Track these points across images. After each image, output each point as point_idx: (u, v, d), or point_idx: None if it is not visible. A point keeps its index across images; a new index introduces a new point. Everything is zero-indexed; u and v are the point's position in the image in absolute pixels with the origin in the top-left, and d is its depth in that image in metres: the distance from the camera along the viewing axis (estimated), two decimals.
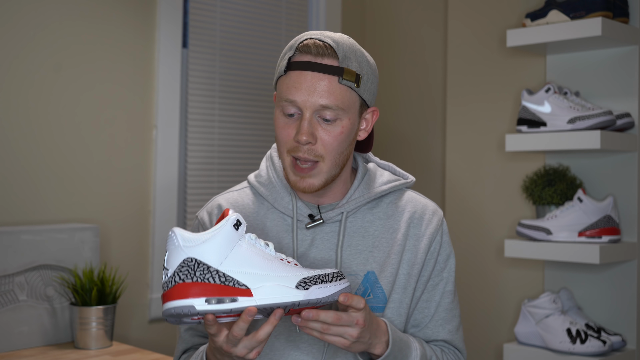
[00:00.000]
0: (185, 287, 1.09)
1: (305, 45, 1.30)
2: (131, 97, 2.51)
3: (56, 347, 2.11)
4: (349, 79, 1.30)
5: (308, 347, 1.36)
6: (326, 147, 1.30)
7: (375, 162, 1.51)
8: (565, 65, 2.46)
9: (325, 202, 1.41)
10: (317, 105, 1.28)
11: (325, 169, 1.32)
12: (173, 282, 1.10)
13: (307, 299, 1.12)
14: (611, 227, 2.20)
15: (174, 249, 1.11)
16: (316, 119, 1.30)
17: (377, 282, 1.37)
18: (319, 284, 1.14)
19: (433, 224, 1.43)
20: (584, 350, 2.16)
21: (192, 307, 1.08)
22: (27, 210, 2.27)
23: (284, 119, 1.32)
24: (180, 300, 1.09)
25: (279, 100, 1.32)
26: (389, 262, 1.38)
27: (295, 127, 1.30)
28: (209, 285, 1.09)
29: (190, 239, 1.11)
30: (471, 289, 2.75)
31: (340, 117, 1.30)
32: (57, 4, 2.33)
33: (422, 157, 3.06)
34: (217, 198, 1.46)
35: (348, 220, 1.40)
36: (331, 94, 1.29)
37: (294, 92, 1.29)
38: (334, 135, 1.30)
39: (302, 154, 1.30)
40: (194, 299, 1.08)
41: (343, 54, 1.30)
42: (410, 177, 1.47)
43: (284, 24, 2.98)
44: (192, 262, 1.10)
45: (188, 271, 1.10)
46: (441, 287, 1.44)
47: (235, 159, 2.82)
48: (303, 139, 1.28)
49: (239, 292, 1.10)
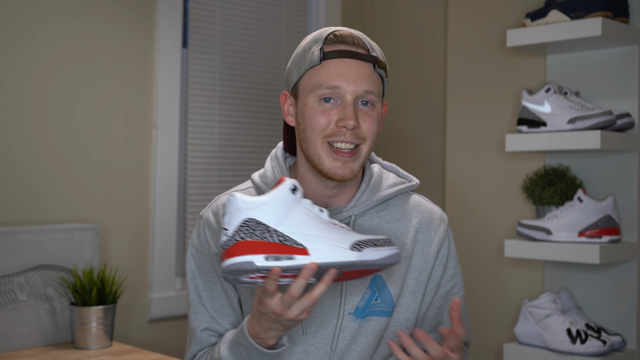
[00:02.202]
0: (245, 244, 1.14)
1: (340, 36, 1.33)
2: (131, 97, 2.51)
3: (56, 347, 2.11)
4: (382, 67, 1.35)
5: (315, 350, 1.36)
6: (368, 130, 1.33)
7: (379, 163, 1.51)
8: (565, 65, 2.46)
9: (334, 204, 1.40)
10: (362, 90, 1.31)
11: (364, 153, 1.34)
12: (233, 241, 1.15)
13: (360, 260, 1.17)
14: (611, 227, 2.20)
15: (235, 210, 1.16)
16: (356, 104, 1.33)
17: (385, 286, 1.37)
18: (372, 247, 1.18)
19: (441, 230, 1.44)
20: (584, 351, 2.16)
21: (252, 263, 1.13)
22: (27, 210, 2.27)
23: (320, 106, 1.32)
24: (240, 257, 1.13)
25: (316, 89, 1.32)
26: (397, 266, 1.38)
27: (335, 113, 1.32)
28: (268, 244, 1.14)
29: (250, 201, 1.16)
30: (471, 289, 2.75)
31: (375, 104, 1.34)
32: (57, 4, 2.33)
33: (423, 157, 3.06)
34: (222, 198, 1.45)
35: (356, 223, 1.40)
36: (372, 81, 1.33)
37: (337, 79, 1.31)
38: (374, 118, 1.34)
39: (346, 138, 1.31)
40: (253, 255, 1.13)
41: (369, 45, 1.35)
42: (414, 180, 1.48)
43: (284, 24, 2.98)
44: (251, 222, 1.15)
45: (248, 230, 1.15)
46: (454, 294, 1.46)
47: (235, 159, 2.82)
48: (350, 123, 1.30)
49: (297, 251, 1.15)
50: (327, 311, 1.35)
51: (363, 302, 1.35)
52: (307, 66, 1.34)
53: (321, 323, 1.35)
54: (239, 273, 1.14)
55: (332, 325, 1.35)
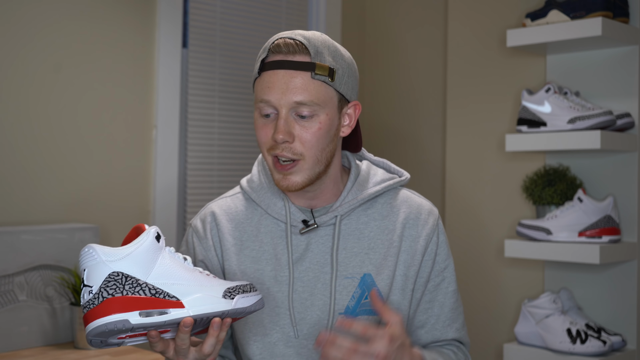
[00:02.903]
0: (115, 301, 1.05)
1: (276, 45, 1.30)
2: (131, 97, 2.51)
3: (56, 347, 2.11)
4: (322, 73, 1.29)
5: (307, 352, 1.35)
6: (305, 144, 1.29)
7: (369, 159, 1.49)
8: (565, 65, 2.46)
9: (319, 205, 1.40)
10: (292, 102, 1.28)
11: (306, 167, 1.31)
12: (100, 299, 1.05)
13: (234, 308, 1.13)
14: (611, 227, 2.20)
15: (96, 264, 1.06)
16: (292, 116, 1.29)
17: (374, 284, 1.36)
18: (242, 294, 1.15)
19: (429, 224, 1.42)
20: (584, 351, 2.16)
21: (127, 322, 1.04)
22: (27, 210, 2.27)
23: (261, 119, 1.32)
24: (112, 316, 1.04)
25: (256, 102, 1.32)
26: (385, 263, 1.37)
27: (273, 127, 1.30)
28: (140, 299, 1.06)
29: (113, 252, 1.07)
30: (471, 289, 2.75)
31: (317, 113, 1.29)
32: (57, 4, 2.33)
33: (422, 157, 3.06)
34: (211, 205, 1.45)
35: (342, 223, 1.39)
36: (305, 90, 1.28)
37: (268, 92, 1.29)
38: (312, 132, 1.29)
39: (281, 152, 1.29)
40: (127, 313, 1.04)
41: (315, 49, 1.29)
42: (405, 174, 1.46)
43: (284, 24, 2.98)
44: (118, 276, 1.06)
45: (116, 285, 1.06)
46: (444, 287, 1.44)
47: (235, 159, 2.82)
48: (279, 137, 1.27)
49: (171, 304, 1.08)
50: (318, 312, 1.35)
51: (353, 302, 1.35)
52: (253, 77, 1.35)
53: (312, 325, 1.35)
54: (109, 334, 1.05)
55: (323, 326, 1.34)
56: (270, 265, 1.37)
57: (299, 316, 1.35)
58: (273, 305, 1.36)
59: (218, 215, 1.42)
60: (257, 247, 1.38)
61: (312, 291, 1.35)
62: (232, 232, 1.40)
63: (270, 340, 1.35)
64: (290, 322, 1.35)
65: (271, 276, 1.36)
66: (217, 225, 1.41)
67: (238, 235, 1.40)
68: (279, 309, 1.35)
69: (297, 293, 1.35)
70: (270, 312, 1.35)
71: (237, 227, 1.40)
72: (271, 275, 1.36)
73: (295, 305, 1.35)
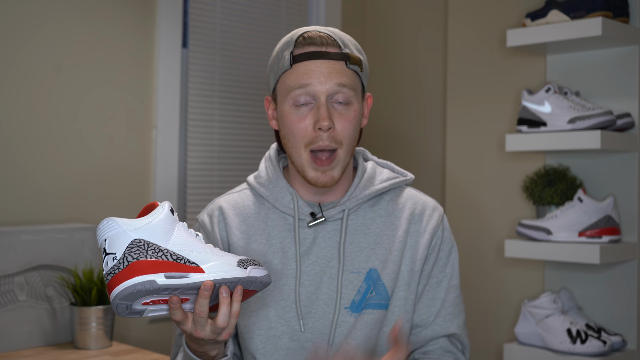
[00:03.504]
0: (141, 264, 1.08)
1: (308, 37, 1.33)
2: (131, 97, 2.51)
3: (56, 347, 2.11)
4: (354, 63, 1.34)
5: (311, 346, 1.36)
6: (344, 132, 1.32)
7: (373, 160, 1.51)
8: (565, 65, 2.46)
9: (327, 200, 1.41)
10: (334, 85, 1.31)
11: (342, 157, 1.34)
12: (125, 263, 1.08)
13: (249, 276, 1.17)
14: (611, 227, 2.20)
15: (117, 234, 1.10)
16: (330, 104, 1.32)
17: (380, 279, 1.37)
18: (253, 265, 1.19)
19: (434, 220, 1.44)
20: (584, 351, 2.16)
21: (154, 282, 1.07)
22: (27, 210, 2.27)
23: (296, 112, 1.32)
24: (139, 277, 1.07)
25: (289, 92, 1.33)
26: (390, 259, 1.38)
27: (312, 117, 1.32)
28: (164, 262, 1.10)
29: (133, 222, 1.11)
30: (471, 289, 2.75)
31: (352, 101, 1.34)
32: (57, 4, 2.33)
33: (423, 157, 3.06)
34: (218, 200, 1.46)
35: (349, 218, 1.40)
36: (344, 75, 1.32)
37: (307, 77, 1.31)
38: (349, 119, 1.33)
39: (324, 142, 1.31)
40: (153, 274, 1.08)
41: (342, 42, 1.34)
42: (409, 175, 1.48)
43: (284, 24, 2.98)
44: (141, 242, 1.10)
45: (139, 251, 1.09)
46: (445, 283, 1.44)
47: (235, 159, 2.82)
48: (325, 124, 1.29)
49: (192, 269, 1.12)
50: (324, 306, 1.35)
51: (359, 296, 1.36)
52: (281, 71, 1.35)
53: (318, 318, 1.36)
54: (136, 296, 1.08)
55: (328, 321, 1.35)
56: (278, 258, 1.38)
57: (304, 310, 1.35)
58: (279, 298, 1.36)
59: (225, 209, 1.43)
60: (264, 241, 1.39)
61: (318, 285, 1.36)
62: (239, 226, 1.41)
63: (274, 334, 1.35)
64: (296, 316, 1.35)
65: (278, 269, 1.37)
66: (225, 219, 1.42)
67: (245, 229, 1.41)
68: (285, 302, 1.36)
69: (303, 287, 1.36)
70: (276, 305, 1.36)
71: (244, 221, 1.41)
72: (278, 269, 1.37)
73: (301, 298, 1.36)
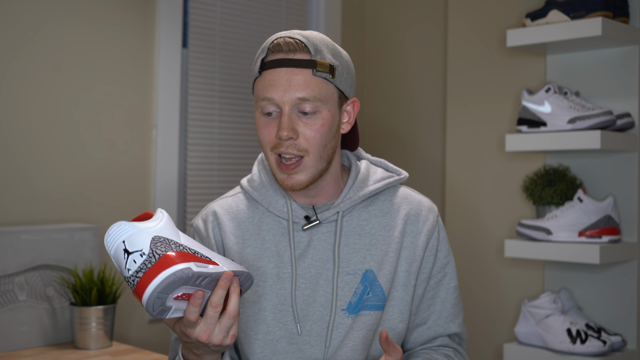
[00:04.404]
0: (172, 255, 1.09)
1: (276, 45, 1.31)
2: (131, 97, 2.51)
3: (56, 347, 2.11)
4: (323, 70, 1.31)
5: (310, 348, 1.36)
6: (309, 141, 1.31)
7: (367, 159, 1.51)
8: (565, 65, 2.46)
9: (320, 202, 1.41)
10: (295, 98, 1.29)
11: (310, 164, 1.32)
12: (156, 256, 1.09)
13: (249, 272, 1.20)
14: (611, 227, 2.20)
15: (135, 233, 1.10)
16: (295, 114, 1.31)
17: (376, 280, 1.37)
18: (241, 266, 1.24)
19: (430, 221, 1.43)
20: (584, 351, 2.16)
21: (190, 269, 1.09)
22: (27, 210, 2.27)
23: (263, 118, 1.33)
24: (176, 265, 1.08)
25: (257, 101, 1.33)
26: (386, 259, 1.38)
27: (276, 125, 1.31)
28: (190, 254, 1.12)
29: (145, 224, 1.12)
30: (471, 289, 2.75)
31: (320, 110, 1.31)
32: (57, 4, 2.33)
33: (422, 157, 3.06)
34: (212, 205, 1.46)
35: (344, 220, 1.40)
36: (307, 87, 1.30)
37: (270, 90, 1.30)
38: (316, 128, 1.31)
39: (285, 149, 1.30)
40: (187, 262, 1.09)
41: (314, 47, 1.31)
42: (403, 173, 1.47)
43: (284, 24, 2.98)
44: (161, 238, 1.11)
45: (164, 245, 1.10)
46: (445, 283, 1.44)
47: (235, 159, 2.82)
48: (284, 134, 1.28)
49: (209, 262, 1.14)
50: (320, 309, 1.35)
51: (355, 298, 1.36)
52: (253, 78, 1.36)
53: (315, 321, 1.35)
54: (175, 285, 1.09)
55: (325, 323, 1.35)
56: (273, 262, 1.38)
57: (301, 313, 1.35)
58: (276, 302, 1.36)
59: (220, 214, 1.43)
60: (259, 245, 1.39)
61: (314, 287, 1.36)
62: (234, 231, 1.41)
63: (272, 338, 1.35)
64: (293, 319, 1.35)
65: (274, 273, 1.37)
66: (219, 224, 1.42)
67: (240, 234, 1.41)
68: (282, 305, 1.36)
69: (299, 290, 1.36)
70: (273, 309, 1.36)
71: (238, 226, 1.41)
72: (274, 273, 1.37)
73: (298, 302, 1.35)
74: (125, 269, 1.09)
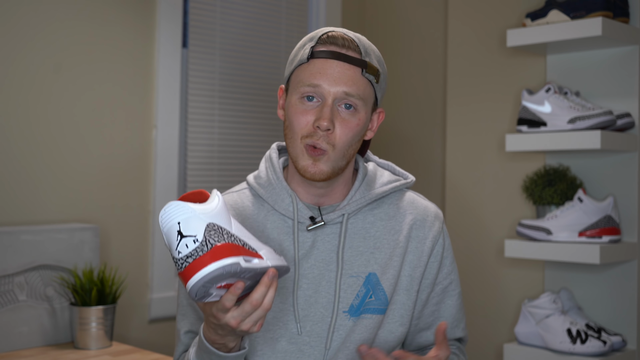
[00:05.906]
0: (224, 247, 1.09)
1: (332, 37, 1.33)
2: (131, 97, 2.51)
3: (56, 347, 2.11)
4: (371, 72, 1.33)
5: (310, 349, 1.36)
6: (341, 136, 1.31)
7: (374, 161, 1.51)
8: (565, 65, 2.46)
9: (326, 203, 1.40)
10: (341, 92, 1.30)
11: (332, 158, 1.32)
12: (209, 245, 1.09)
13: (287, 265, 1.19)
14: (611, 227, 2.20)
15: (191, 217, 1.09)
16: (336, 107, 1.32)
17: (379, 283, 1.37)
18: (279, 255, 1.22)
19: (436, 227, 1.44)
20: (584, 351, 2.16)
21: (238, 264, 1.08)
22: (27, 210, 2.27)
23: (301, 105, 1.32)
24: (226, 259, 1.08)
25: (299, 86, 1.32)
26: (390, 263, 1.38)
27: (314, 113, 1.31)
28: (239, 247, 1.11)
29: (202, 207, 1.11)
30: (471, 289, 2.75)
31: (359, 109, 1.33)
32: (57, 4, 2.33)
33: (422, 157, 3.06)
34: None
35: (349, 222, 1.39)
36: (355, 84, 1.31)
37: (320, 77, 1.30)
38: (351, 126, 1.32)
39: (318, 140, 1.30)
40: (235, 257, 1.09)
41: (364, 50, 1.34)
42: (410, 177, 1.47)
43: (284, 24, 2.98)
44: (215, 226, 1.10)
45: (217, 235, 1.10)
46: (451, 290, 1.45)
47: (235, 159, 2.82)
48: (324, 124, 1.29)
49: (255, 255, 1.14)
50: (322, 310, 1.35)
51: (357, 300, 1.36)
52: (297, 63, 1.35)
53: (316, 322, 1.35)
54: (221, 279, 1.09)
55: (326, 324, 1.35)
56: None
57: (302, 313, 1.35)
58: (277, 301, 1.36)
59: None
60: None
61: (316, 288, 1.36)
62: None
63: (272, 337, 1.35)
64: (294, 319, 1.35)
65: None
66: None
67: None
68: (283, 305, 1.36)
69: (301, 290, 1.36)
70: (274, 308, 1.36)
71: (243, 222, 1.41)
72: None
73: (299, 302, 1.35)
74: (176, 251, 1.09)
